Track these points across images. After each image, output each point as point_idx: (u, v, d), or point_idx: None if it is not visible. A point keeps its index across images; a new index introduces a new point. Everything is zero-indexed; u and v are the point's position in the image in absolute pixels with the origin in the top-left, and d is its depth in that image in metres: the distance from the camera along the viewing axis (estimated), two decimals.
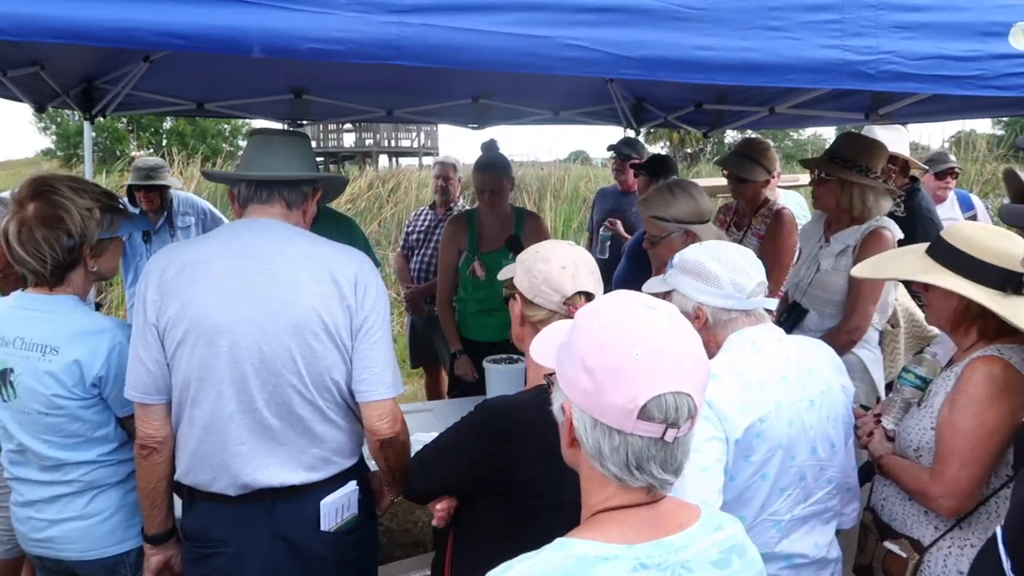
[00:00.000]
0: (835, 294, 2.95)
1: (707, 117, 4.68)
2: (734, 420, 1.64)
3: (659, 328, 1.06)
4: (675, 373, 1.03)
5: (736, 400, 1.66)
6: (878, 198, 2.93)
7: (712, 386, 1.63)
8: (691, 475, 1.57)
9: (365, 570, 2.04)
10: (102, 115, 4.47)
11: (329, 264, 1.83)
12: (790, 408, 1.72)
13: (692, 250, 1.85)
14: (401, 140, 28.53)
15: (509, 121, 5.26)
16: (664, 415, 1.02)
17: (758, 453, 1.68)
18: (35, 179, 1.96)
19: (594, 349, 1.06)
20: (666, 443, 1.03)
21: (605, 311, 1.11)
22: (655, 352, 1.03)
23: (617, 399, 1.02)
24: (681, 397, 1.03)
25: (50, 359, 1.87)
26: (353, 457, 1.95)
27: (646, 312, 1.08)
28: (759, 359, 1.74)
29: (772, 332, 1.82)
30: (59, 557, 2.00)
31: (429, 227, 5.15)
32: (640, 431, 1.02)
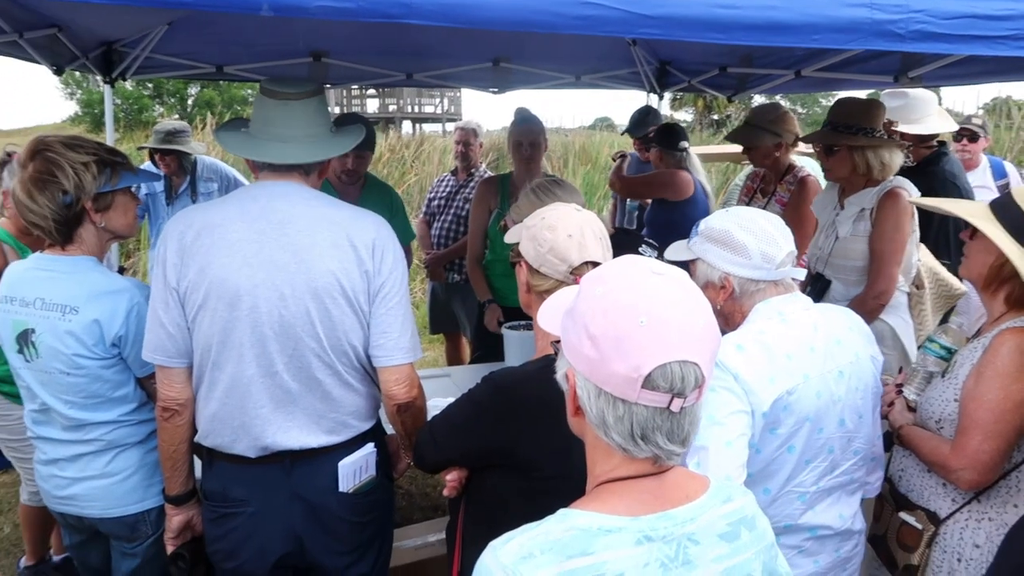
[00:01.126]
0: (857, 260, 2.90)
1: (732, 81, 4.59)
2: (760, 393, 1.61)
3: (666, 295, 1.03)
4: (681, 341, 1.00)
5: (763, 372, 1.62)
6: (891, 154, 2.89)
7: (738, 358, 1.61)
8: (715, 449, 1.54)
9: (382, 531, 2.06)
10: (122, 78, 4.47)
11: (347, 228, 1.82)
12: (818, 380, 1.69)
13: (719, 218, 1.79)
14: (424, 106, 28.34)
15: (529, 85, 5.19)
16: (670, 384, 1.00)
17: (785, 426, 1.66)
18: (33, 140, 1.97)
19: (598, 316, 1.03)
20: (672, 413, 1.01)
21: (610, 277, 1.08)
22: (661, 320, 1.00)
23: (621, 368, 1.00)
24: (688, 366, 1.00)
25: (70, 319, 1.89)
26: (370, 420, 1.97)
27: (653, 278, 1.05)
28: (786, 329, 1.70)
29: (799, 301, 1.77)
30: (81, 514, 2.04)
31: (450, 193, 5.11)
32: (645, 400, 1.00)
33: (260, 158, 1.87)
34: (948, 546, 1.83)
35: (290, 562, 1.94)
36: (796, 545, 1.76)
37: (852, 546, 1.85)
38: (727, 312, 1.81)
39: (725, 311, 1.80)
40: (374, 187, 3.75)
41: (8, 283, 1.97)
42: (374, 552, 2.03)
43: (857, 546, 1.87)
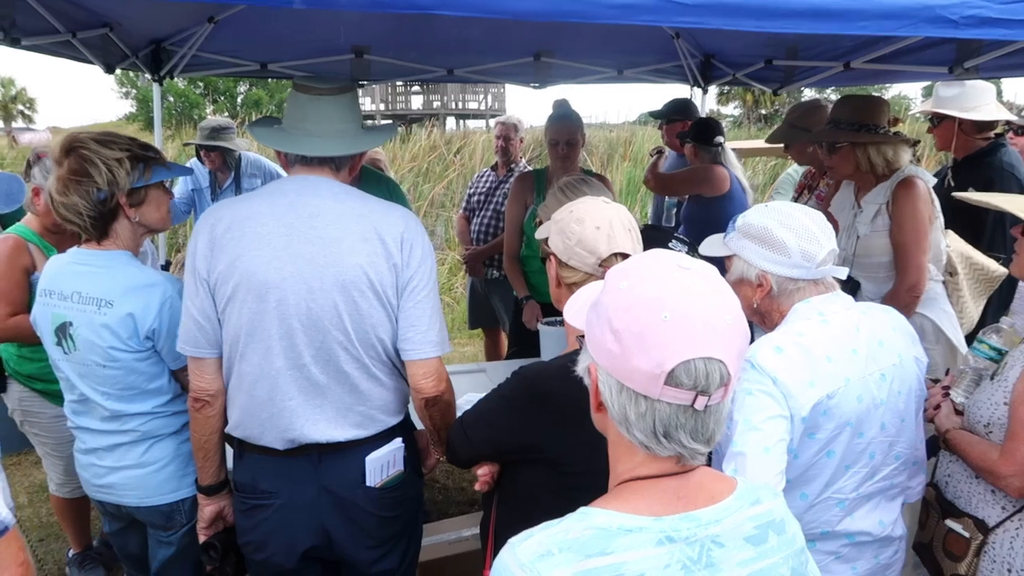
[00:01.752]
0: (881, 256, 2.82)
1: (777, 74, 4.47)
2: (799, 397, 1.55)
3: (691, 289, 1.00)
4: (706, 337, 0.97)
5: (802, 376, 1.57)
6: (896, 151, 2.81)
7: (777, 360, 1.56)
8: (753, 456, 1.49)
9: (410, 526, 2.06)
10: (170, 76, 4.56)
11: (376, 222, 1.82)
12: (860, 383, 1.62)
13: (758, 213, 1.73)
14: (468, 102, 28.47)
15: (571, 80, 5.15)
16: (693, 382, 0.96)
17: (824, 431, 1.60)
18: (66, 138, 2.00)
19: (620, 310, 1.00)
20: (696, 411, 0.98)
21: (635, 270, 1.05)
22: (685, 314, 0.97)
23: (643, 363, 0.96)
24: (712, 363, 0.97)
25: (105, 312, 1.92)
26: (398, 415, 1.96)
27: (678, 273, 1.02)
28: (827, 331, 1.64)
29: (840, 301, 1.71)
30: (119, 503, 2.08)
31: (490, 188, 5.11)
32: (667, 397, 0.97)
33: (290, 150, 1.87)
34: (998, 556, 1.75)
35: (318, 555, 1.95)
36: (833, 551, 1.70)
37: (892, 553, 1.78)
38: (764, 311, 1.75)
39: (762, 309, 1.75)
40: (370, 179, 3.59)
41: (48, 276, 2.02)
42: (402, 547, 2.03)
43: (897, 553, 1.80)
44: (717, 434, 1.02)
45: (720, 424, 1.02)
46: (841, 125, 2.86)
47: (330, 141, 1.87)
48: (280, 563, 1.92)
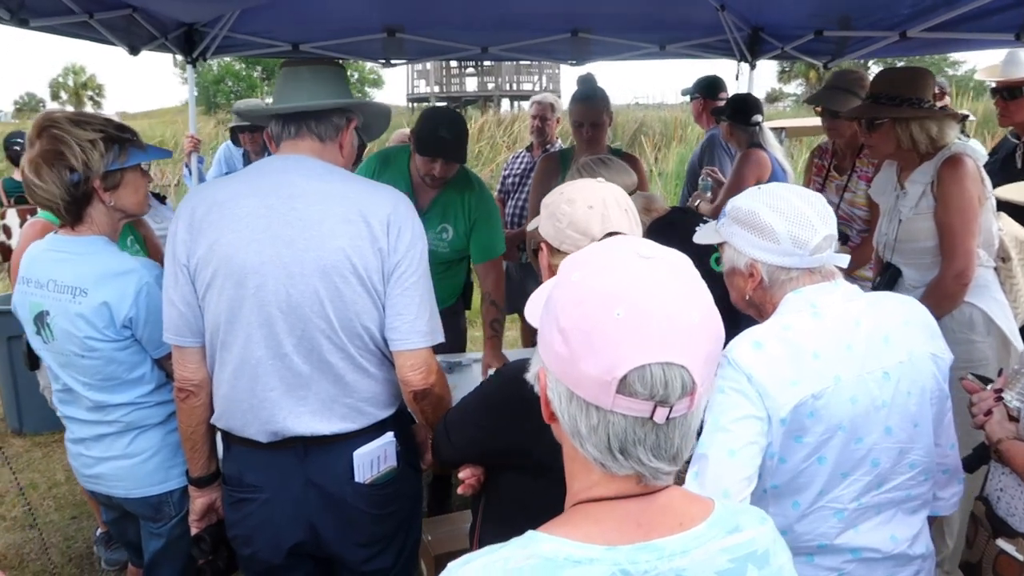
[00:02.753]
0: (925, 240, 2.59)
1: (828, 46, 4.21)
2: (778, 396, 1.40)
3: (651, 282, 0.84)
4: (665, 339, 0.82)
5: (782, 373, 1.41)
6: (942, 126, 2.55)
7: (754, 356, 1.41)
8: (716, 458, 1.36)
9: (406, 524, 1.96)
10: (203, 57, 4.53)
11: (361, 203, 1.71)
12: (854, 383, 1.45)
13: (747, 197, 1.57)
14: (523, 83, 28.23)
15: (610, 56, 4.96)
16: (649, 390, 0.81)
17: (812, 434, 1.44)
18: (40, 117, 1.94)
19: (569, 306, 0.86)
20: (657, 424, 0.84)
21: (589, 260, 0.90)
22: (642, 312, 0.82)
23: (592, 368, 0.82)
24: (672, 369, 0.82)
25: (80, 301, 1.86)
26: (389, 408, 1.85)
27: (637, 262, 0.87)
28: (818, 324, 1.47)
29: (838, 291, 1.53)
30: (109, 493, 2.04)
31: (525, 170, 4.96)
32: (621, 408, 0.82)
33: (262, 111, 1.80)
34: None
35: (306, 551, 1.87)
36: (835, 568, 1.53)
37: (911, 574, 1.60)
38: (758, 302, 1.59)
39: (756, 301, 1.59)
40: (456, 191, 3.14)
41: (26, 264, 1.97)
42: (396, 546, 1.93)
43: (919, 574, 1.61)
44: (684, 450, 0.88)
45: (688, 439, 0.88)
46: (881, 100, 2.62)
47: (300, 98, 1.78)
48: (266, 559, 1.85)
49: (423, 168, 3.02)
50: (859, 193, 3.31)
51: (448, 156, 2.95)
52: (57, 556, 3.45)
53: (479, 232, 3.17)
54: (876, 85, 2.69)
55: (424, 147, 2.94)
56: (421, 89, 29.42)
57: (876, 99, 2.66)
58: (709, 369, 0.86)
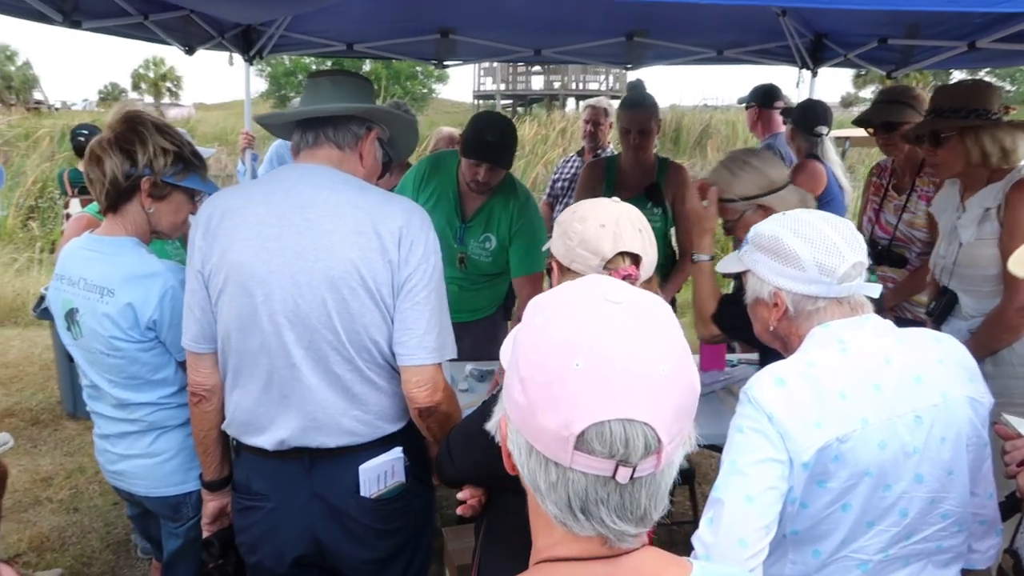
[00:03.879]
0: (987, 268, 2.42)
1: (893, 55, 4.01)
2: (800, 439, 1.30)
3: (616, 330, 0.78)
4: (628, 393, 0.75)
5: (806, 414, 1.32)
6: (1016, 138, 2.37)
7: (776, 394, 1.32)
8: (733, 504, 1.28)
9: (413, 540, 1.92)
10: (259, 56, 4.60)
11: (373, 215, 1.68)
12: (883, 426, 1.35)
13: (770, 223, 1.49)
14: (589, 83, 28.07)
15: (666, 61, 4.85)
16: (608, 449, 0.75)
17: (836, 480, 1.34)
18: (131, 110, 1.99)
19: (529, 352, 0.80)
20: (620, 484, 0.77)
21: (553, 303, 0.84)
22: (603, 362, 0.76)
23: (550, 422, 0.76)
24: (634, 427, 0.75)
25: (107, 301, 1.88)
26: (398, 422, 1.82)
27: (603, 307, 0.80)
28: (845, 362, 1.37)
29: (869, 326, 1.43)
30: (130, 490, 2.07)
31: (575, 175, 4.90)
32: (580, 466, 0.76)
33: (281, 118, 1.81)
34: None
35: (311, 562, 1.86)
36: None
37: None
38: (783, 334, 1.51)
39: (780, 333, 1.51)
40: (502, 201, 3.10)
41: (61, 260, 2.01)
42: (402, 562, 1.90)
43: None
44: (654, 511, 0.81)
45: (657, 499, 0.81)
46: (945, 113, 2.46)
47: (319, 105, 1.77)
48: (271, 568, 1.84)
49: (468, 173, 3.00)
50: (919, 214, 3.13)
51: (493, 160, 2.92)
52: (96, 541, 3.55)
53: (518, 244, 3.11)
54: (937, 100, 2.53)
55: (469, 150, 2.93)
56: (487, 87, 29.52)
57: (939, 113, 2.50)
58: (679, 425, 0.79)
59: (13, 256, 8.86)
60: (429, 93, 30.92)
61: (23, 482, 4.04)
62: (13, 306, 7.16)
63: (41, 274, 8.07)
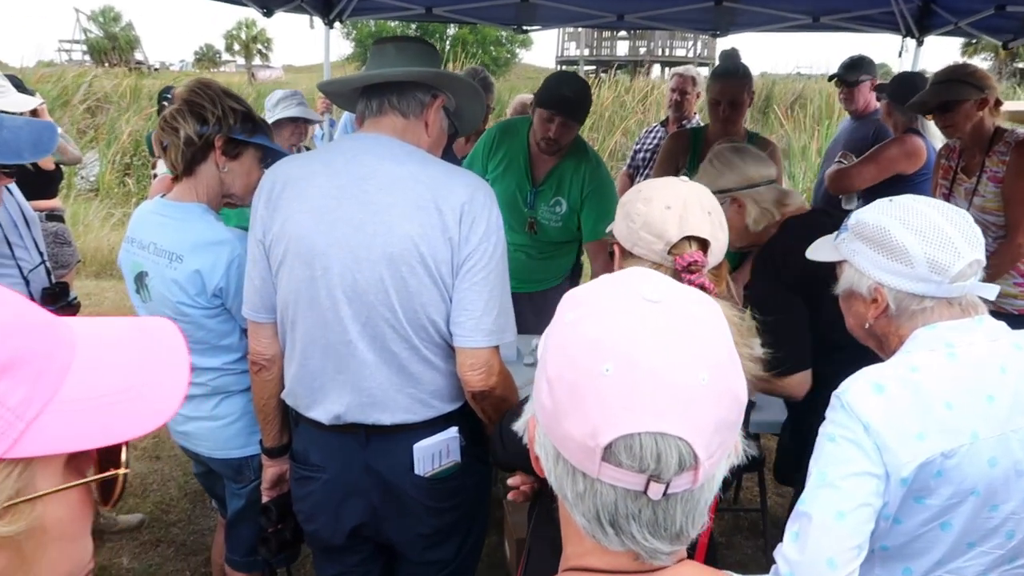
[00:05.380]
0: None
1: (1011, 23, 3.68)
2: (900, 452, 1.20)
3: (652, 332, 0.71)
4: (660, 404, 0.68)
5: (908, 425, 1.21)
6: None
7: (874, 402, 1.20)
8: (821, 521, 1.17)
9: (468, 519, 1.90)
10: (339, 20, 4.60)
11: (435, 189, 1.63)
12: (995, 441, 1.22)
13: (875, 210, 1.36)
14: (676, 49, 27.26)
15: (757, 27, 4.62)
16: (638, 463, 0.68)
17: (937, 496, 1.23)
18: (197, 79, 2.03)
19: (558, 352, 0.74)
20: (652, 499, 0.71)
21: (587, 297, 0.77)
22: (635, 368, 0.69)
23: (576, 429, 0.70)
24: (667, 441, 0.68)
25: (175, 267, 1.91)
26: (455, 402, 1.79)
27: (641, 306, 0.73)
28: (953, 368, 1.25)
29: (980, 330, 1.29)
30: (195, 450, 2.12)
31: (658, 145, 4.73)
32: (608, 479, 0.70)
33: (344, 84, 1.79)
34: None
35: (367, 534, 1.86)
36: None
37: None
38: (880, 333, 1.38)
39: (878, 332, 1.38)
40: (573, 164, 3.06)
41: (133, 224, 2.04)
42: (457, 539, 1.88)
43: None
44: (691, 528, 0.74)
45: (695, 516, 0.73)
46: None
47: (381, 70, 1.73)
48: (327, 538, 1.86)
49: (540, 129, 2.97)
50: (990, 197, 2.89)
51: (566, 113, 2.90)
52: (175, 490, 3.70)
53: (590, 208, 3.07)
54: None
55: (545, 101, 2.91)
56: (571, 52, 29.05)
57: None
58: (720, 438, 0.71)
59: (110, 211, 9.28)
60: (512, 58, 30.66)
61: None
62: (109, 259, 7.52)
63: None
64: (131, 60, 34.29)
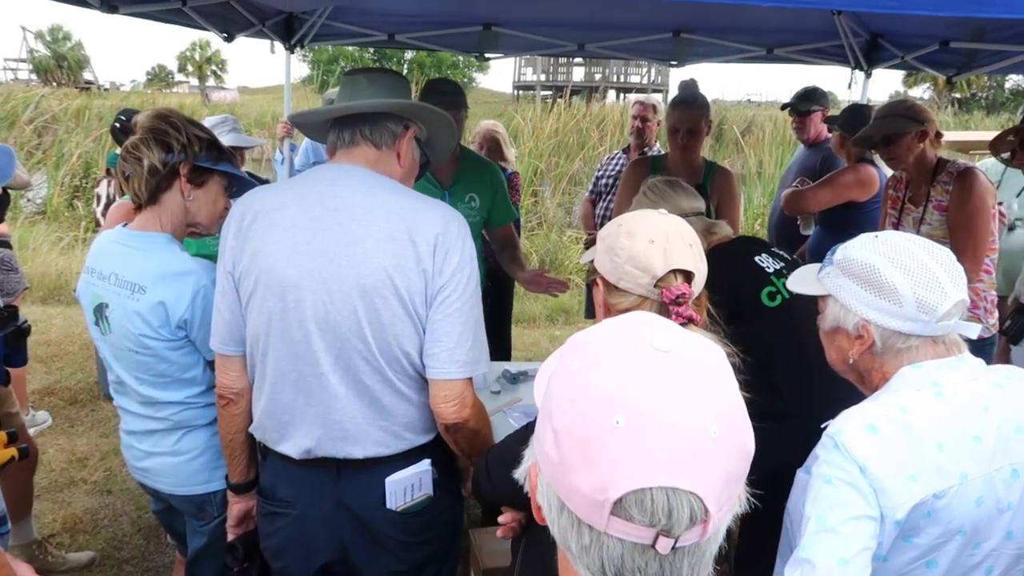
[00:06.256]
0: None
1: (955, 59, 3.84)
2: (895, 495, 1.21)
3: (663, 384, 0.70)
4: (672, 460, 0.68)
5: (902, 466, 1.22)
6: None
7: (869, 443, 1.21)
8: (825, 568, 1.17)
9: (441, 552, 1.88)
10: (300, 45, 4.58)
11: (409, 221, 1.62)
12: (982, 482, 1.24)
13: (863, 247, 1.37)
14: (631, 75, 27.77)
15: (713, 58, 4.73)
16: (649, 518, 0.68)
17: (925, 536, 1.25)
18: (159, 109, 2.01)
19: (564, 403, 0.73)
20: (659, 553, 0.71)
21: (594, 346, 0.77)
22: (646, 422, 0.68)
23: (584, 483, 0.70)
24: (679, 496, 0.68)
25: (138, 298, 1.86)
26: (427, 434, 1.77)
27: (649, 356, 0.73)
28: (941, 408, 1.27)
29: (963, 368, 1.32)
30: (155, 487, 2.05)
31: (619, 172, 4.80)
32: (617, 532, 0.69)
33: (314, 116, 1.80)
34: None
35: (337, 571, 1.82)
36: None
37: None
38: (863, 369, 1.40)
39: (860, 367, 1.40)
40: (471, 162, 3.35)
41: (93, 254, 1.99)
42: (431, 573, 1.86)
43: None
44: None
45: (702, 568, 0.73)
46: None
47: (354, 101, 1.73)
48: (295, 574, 1.81)
49: None
50: (936, 225, 3.01)
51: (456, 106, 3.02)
52: (128, 525, 3.58)
53: (500, 194, 3.33)
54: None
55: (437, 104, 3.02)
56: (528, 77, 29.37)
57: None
58: (730, 491, 0.71)
59: (59, 235, 9.00)
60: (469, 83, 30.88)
61: (59, 462, 4.10)
62: (57, 284, 7.29)
63: (85, 253, 8.16)
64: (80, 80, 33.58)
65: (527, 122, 13.20)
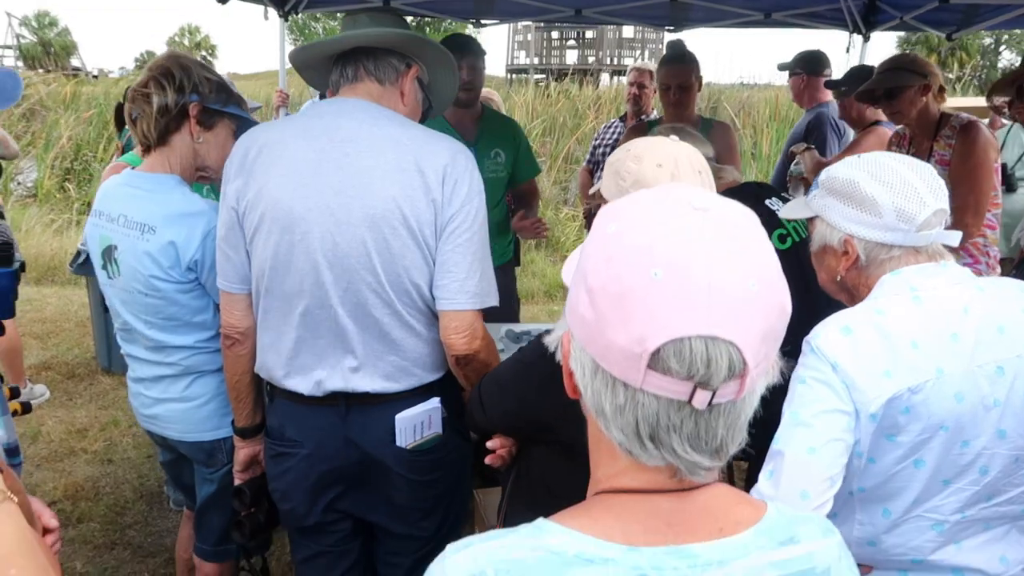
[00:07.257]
0: None
1: (954, 16, 3.83)
2: (867, 390, 1.23)
3: (702, 239, 0.69)
4: (712, 308, 0.67)
5: (875, 363, 1.24)
6: None
7: (842, 343, 1.25)
8: (793, 456, 1.21)
9: (450, 493, 1.87)
10: (295, 11, 4.52)
11: (416, 152, 1.60)
12: (960, 377, 1.26)
13: (845, 165, 1.40)
14: (624, 58, 27.63)
15: (710, 23, 4.70)
16: (687, 368, 0.67)
17: (907, 433, 1.27)
18: (170, 51, 1.97)
19: (600, 262, 0.72)
20: (696, 410, 0.70)
21: (630, 209, 0.76)
22: (686, 274, 0.68)
23: (621, 337, 0.68)
24: (718, 345, 0.67)
25: (148, 239, 1.83)
26: (437, 371, 1.76)
27: (688, 215, 0.72)
28: (918, 310, 1.29)
29: (944, 274, 1.34)
30: (163, 434, 2.04)
31: (617, 141, 4.78)
32: (652, 388, 0.69)
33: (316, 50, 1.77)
34: None
35: (345, 510, 1.82)
36: None
37: None
38: (851, 285, 1.43)
39: (848, 283, 1.43)
40: (493, 119, 3.41)
41: (100, 197, 1.96)
42: (438, 515, 1.85)
43: None
44: (731, 444, 0.73)
45: (736, 431, 0.73)
46: None
47: (356, 31, 1.71)
48: (303, 515, 1.81)
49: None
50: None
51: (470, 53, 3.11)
52: (129, 492, 3.57)
53: (524, 148, 3.43)
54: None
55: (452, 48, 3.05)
56: (521, 60, 29.20)
57: None
58: (767, 349, 0.71)
59: (52, 217, 8.95)
60: None
61: (58, 433, 4.09)
62: (51, 265, 7.25)
63: (78, 234, 8.14)
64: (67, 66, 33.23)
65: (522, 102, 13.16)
